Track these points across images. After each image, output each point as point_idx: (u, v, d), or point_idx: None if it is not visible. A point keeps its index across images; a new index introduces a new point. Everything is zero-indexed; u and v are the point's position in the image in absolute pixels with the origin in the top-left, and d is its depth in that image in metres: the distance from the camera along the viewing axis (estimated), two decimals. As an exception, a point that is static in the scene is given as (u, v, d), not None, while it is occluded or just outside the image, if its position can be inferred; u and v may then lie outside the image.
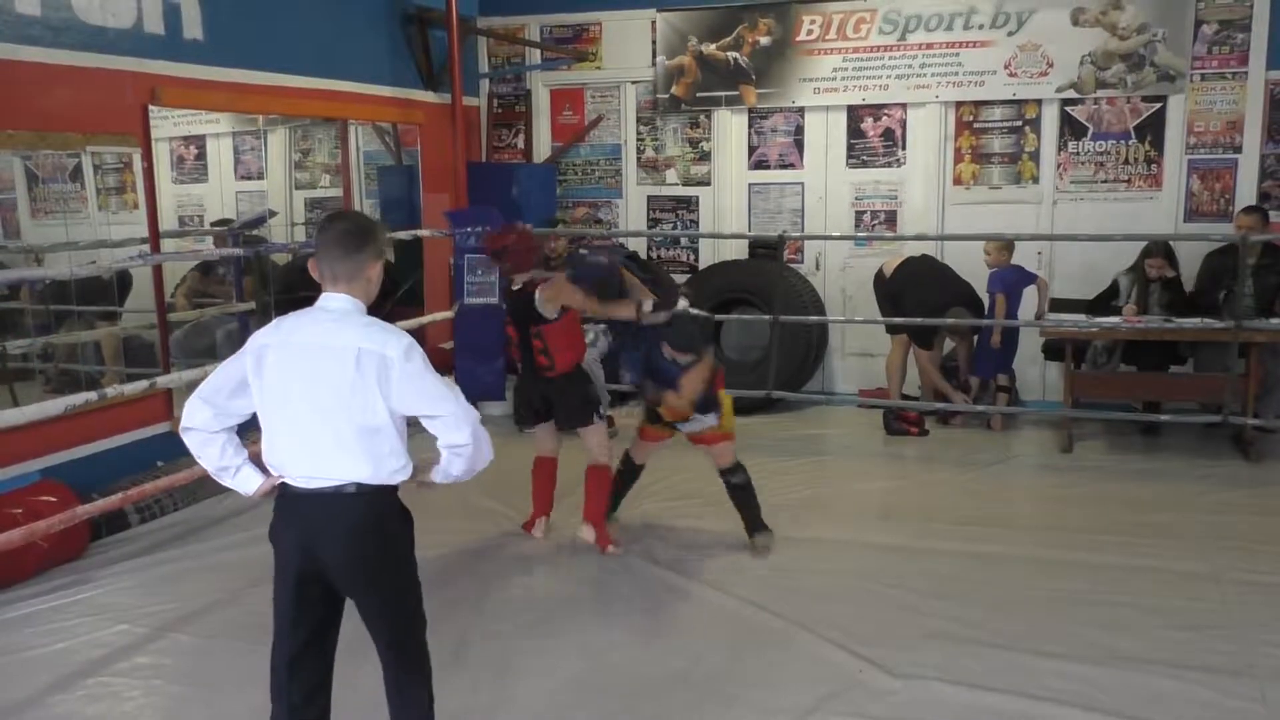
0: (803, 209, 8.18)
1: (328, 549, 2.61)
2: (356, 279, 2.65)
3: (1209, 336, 6.41)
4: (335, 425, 2.56)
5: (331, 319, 2.62)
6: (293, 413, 2.60)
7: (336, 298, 2.65)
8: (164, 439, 5.78)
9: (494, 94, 8.88)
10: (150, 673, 3.81)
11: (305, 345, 2.60)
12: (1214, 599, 4.30)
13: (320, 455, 2.58)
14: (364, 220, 2.80)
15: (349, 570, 2.63)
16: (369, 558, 2.62)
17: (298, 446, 2.61)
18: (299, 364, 2.59)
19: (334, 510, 2.59)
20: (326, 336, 2.58)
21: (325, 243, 2.66)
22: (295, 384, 2.59)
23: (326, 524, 2.60)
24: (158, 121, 5.98)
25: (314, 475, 2.60)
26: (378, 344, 2.56)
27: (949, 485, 5.99)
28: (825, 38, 7.84)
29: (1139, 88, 7.30)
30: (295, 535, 2.65)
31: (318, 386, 2.56)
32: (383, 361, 2.54)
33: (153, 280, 5.86)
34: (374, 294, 2.72)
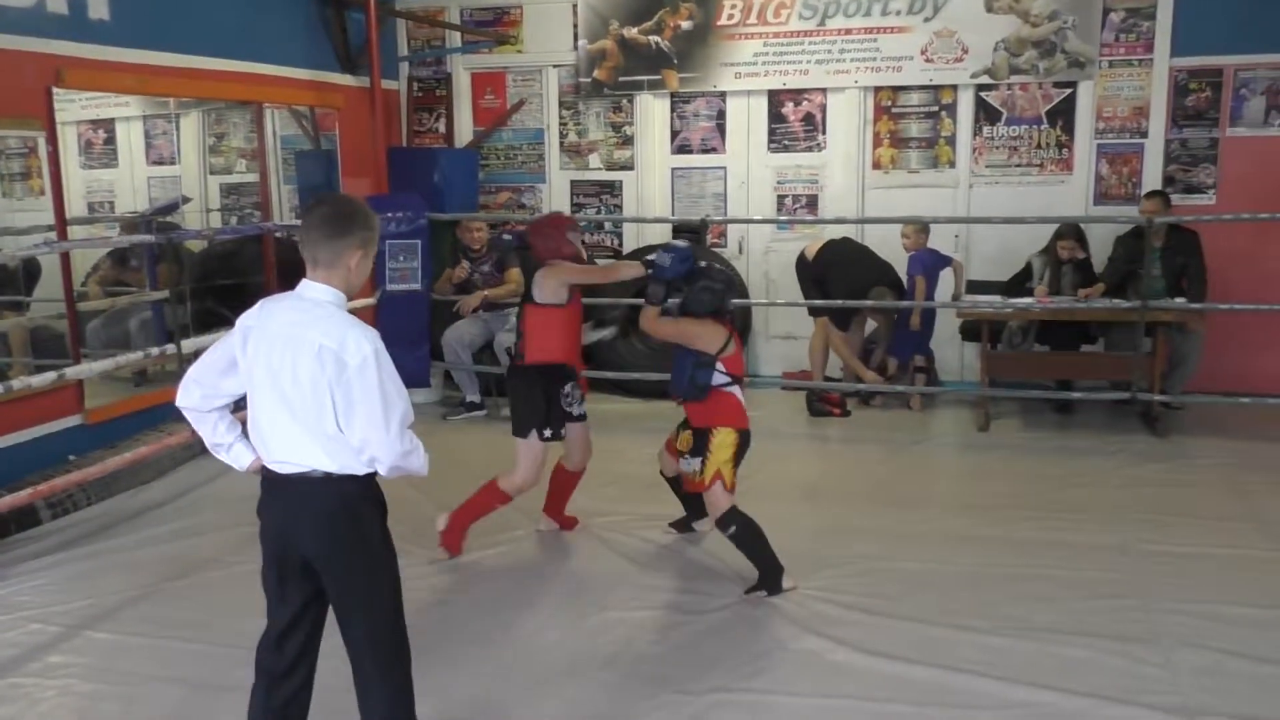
0: (725, 193, 8.23)
1: (300, 533, 2.62)
2: (336, 266, 2.58)
3: (1118, 316, 6.61)
4: (300, 416, 2.54)
5: (305, 309, 2.58)
6: (264, 398, 2.59)
7: (314, 286, 2.59)
8: (76, 431, 5.63)
9: (414, 77, 8.77)
10: (65, 672, 3.71)
11: (276, 334, 2.56)
12: (1124, 570, 4.45)
13: (289, 441, 2.57)
14: (351, 205, 2.68)
15: (320, 555, 2.62)
16: (339, 544, 2.61)
17: (269, 431, 2.60)
18: (269, 351, 2.56)
19: (305, 495, 2.59)
20: (296, 327, 2.54)
21: (307, 226, 2.61)
22: (264, 371, 2.57)
23: (298, 508, 2.61)
24: (63, 104, 5.80)
25: (285, 460, 2.59)
26: (338, 344, 2.49)
27: (870, 465, 6.10)
28: (746, 22, 7.88)
29: (1050, 74, 7.48)
30: (272, 517, 2.67)
31: (283, 377, 2.54)
32: (339, 363, 2.49)
33: (61, 269, 5.68)
34: (357, 285, 2.66)
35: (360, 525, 2.63)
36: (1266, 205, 6.96)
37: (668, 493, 4.87)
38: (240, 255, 7.51)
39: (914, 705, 3.38)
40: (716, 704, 3.41)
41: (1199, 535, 4.80)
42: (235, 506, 5.39)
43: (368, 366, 2.50)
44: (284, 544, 2.65)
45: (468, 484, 5.34)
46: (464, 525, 4.67)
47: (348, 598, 2.66)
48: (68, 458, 5.43)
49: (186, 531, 5.06)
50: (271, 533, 2.67)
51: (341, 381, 2.49)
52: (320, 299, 2.58)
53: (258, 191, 7.40)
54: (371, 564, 2.66)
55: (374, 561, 2.66)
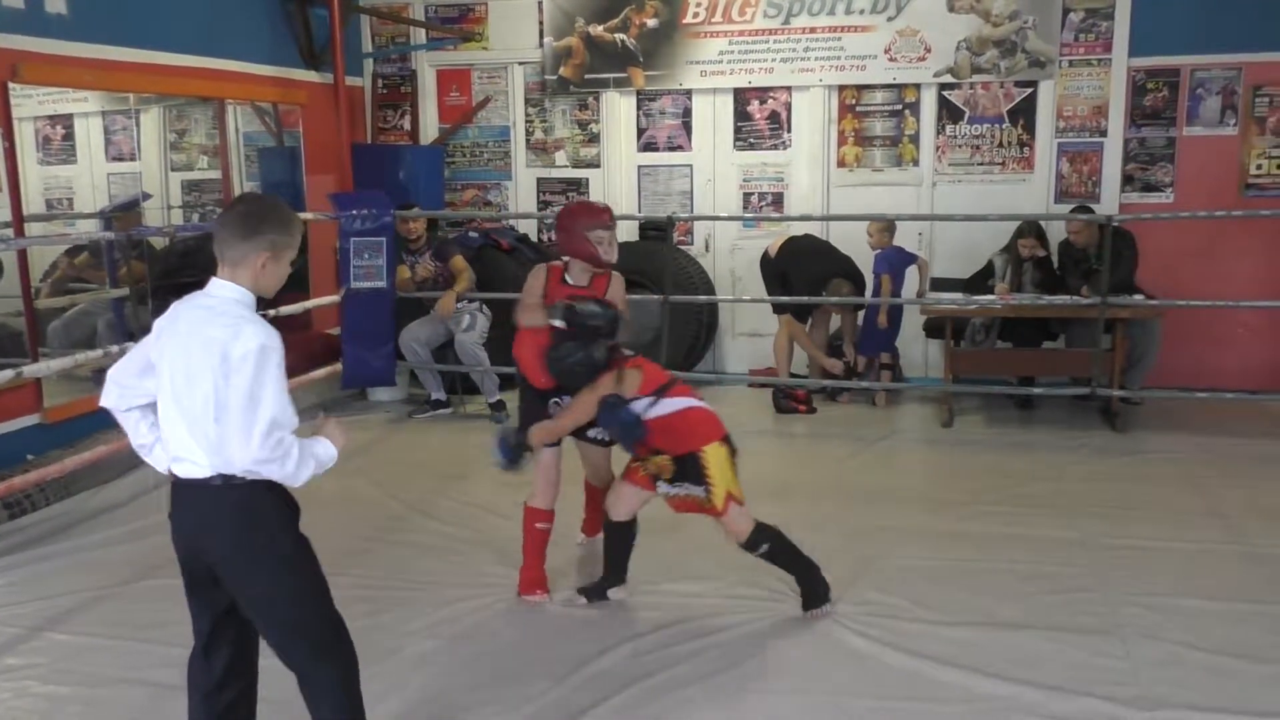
0: (692, 191, 8.25)
1: (199, 540, 2.56)
2: (242, 266, 2.51)
3: (1078, 313, 6.69)
4: (196, 416, 2.46)
5: (210, 305, 2.52)
6: (165, 400, 2.53)
7: (222, 284, 2.53)
8: (34, 431, 5.56)
9: (378, 74, 8.72)
10: (23, 673, 3.66)
11: (181, 330, 2.51)
12: (1084, 563, 4.50)
13: (186, 444, 2.50)
14: (266, 206, 2.61)
15: (221, 561, 2.55)
16: (239, 550, 2.53)
17: (169, 434, 2.54)
18: (173, 350, 2.51)
19: (203, 500, 2.51)
20: (199, 325, 2.48)
21: (220, 223, 2.57)
22: (167, 371, 2.52)
23: (194, 514, 2.54)
24: (20, 100, 5.71)
25: (183, 461, 2.52)
26: (228, 336, 2.41)
27: (836, 461, 6.14)
28: (711, 20, 7.90)
29: (1011, 73, 7.55)
30: (175, 523, 2.61)
31: (179, 377, 2.48)
32: (224, 356, 2.41)
33: (18, 266, 5.60)
34: (268, 287, 2.57)
35: (261, 531, 2.52)
36: (1222, 203, 7.09)
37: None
38: (202, 253, 7.41)
39: (879, 699, 3.41)
40: (687, 700, 3.42)
41: (1158, 529, 4.87)
42: (197, 506, 5.35)
43: (247, 361, 2.40)
44: (188, 551, 2.59)
45: (432, 480, 5.34)
46: (531, 566, 4.21)
47: (252, 606, 2.58)
48: (25, 457, 5.36)
49: (146, 531, 4.99)
50: (176, 540, 2.61)
51: (222, 373, 2.41)
52: (226, 296, 2.52)
53: (220, 188, 7.32)
54: (276, 569, 2.54)
55: (279, 566, 2.55)
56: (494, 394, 7.07)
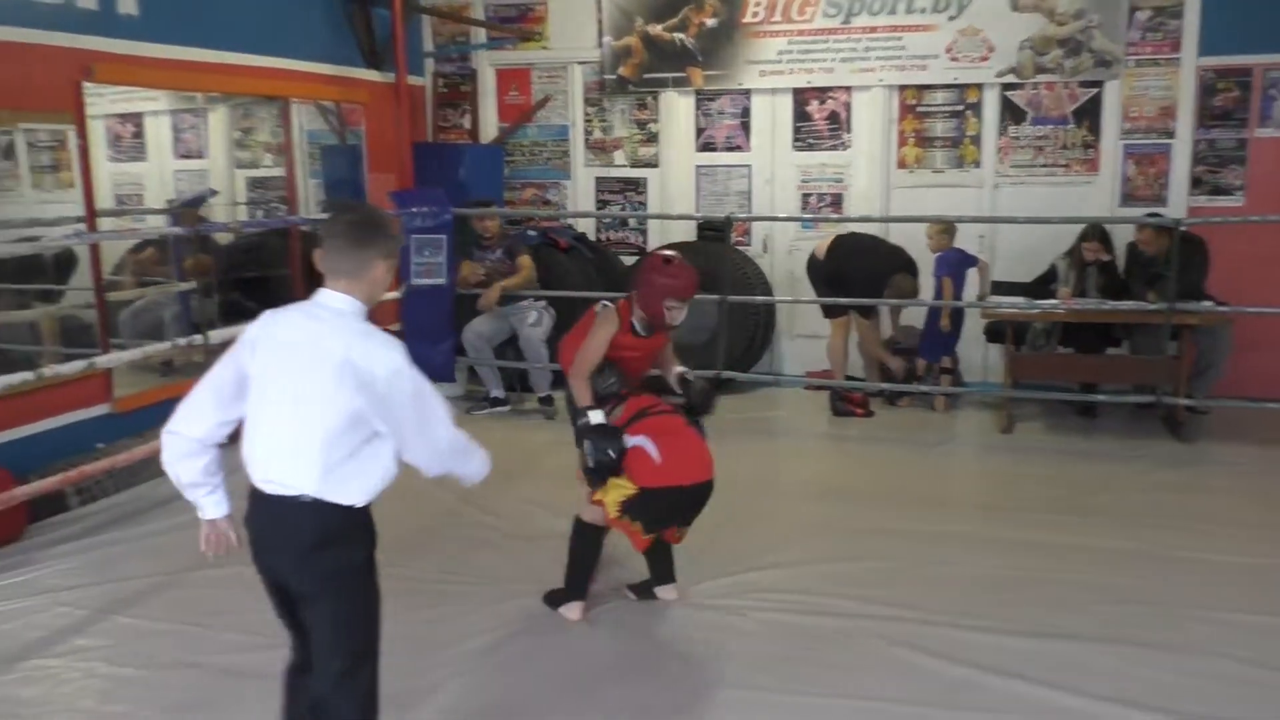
0: (750, 191, 8.22)
1: (275, 556, 2.51)
2: (359, 277, 2.46)
3: (1143, 319, 6.55)
4: (301, 432, 2.39)
5: (323, 318, 2.45)
6: (268, 412, 2.45)
7: (335, 296, 2.47)
8: (104, 420, 5.70)
9: (439, 73, 8.80)
10: (89, 655, 3.77)
11: (291, 342, 2.44)
12: (1146, 576, 4.41)
13: (280, 460, 2.42)
14: (376, 214, 2.61)
15: (293, 581, 2.50)
16: (314, 575, 2.46)
17: (266, 448, 2.45)
18: (282, 362, 2.43)
19: (284, 518, 2.44)
20: (315, 337, 2.41)
21: (330, 234, 2.50)
22: (272, 383, 2.43)
23: (276, 531, 2.47)
24: (93, 99, 5.85)
25: (274, 480, 2.44)
26: (363, 356, 2.37)
27: (893, 465, 6.08)
28: (771, 20, 7.87)
29: (1076, 73, 7.42)
30: (252, 535, 2.54)
31: (293, 388, 2.40)
32: (369, 378, 2.37)
33: (90, 259, 5.75)
34: (378, 296, 2.55)
35: (339, 558, 2.46)
36: (1297, 208, 6.90)
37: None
38: (265, 248, 7.57)
39: (938, 707, 3.38)
40: (740, 701, 3.42)
41: (1222, 542, 4.76)
42: (258, 497, 5.46)
43: (400, 375, 2.40)
44: (261, 563, 2.54)
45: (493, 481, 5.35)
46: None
47: (320, 628, 2.50)
48: (95, 445, 5.49)
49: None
50: (252, 551, 2.55)
51: (371, 395, 2.36)
52: (341, 309, 2.46)
53: (284, 185, 7.45)
54: (347, 597, 2.49)
55: (350, 594, 2.50)
56: (545, 389, 7.14)
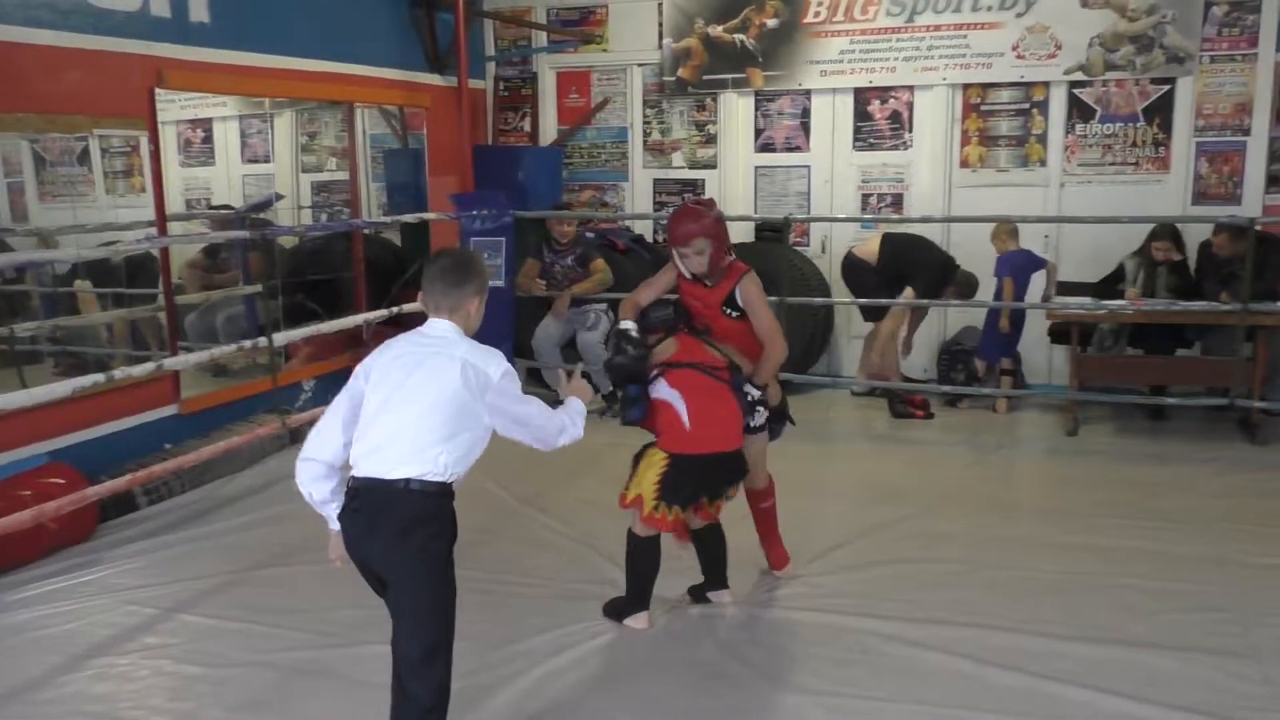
0: (809, 192, 8.16)
1: (371, 542, 2.77)
2: (458, 311, 2.88)
3: (1216, 320, 6.39)
4: (418, 425, 2.72)
5: (435, 338, 2.85)
6: (383, 411, 2.76)
7: (440, 324, 2.87)
8: (171, 421, 5.82)
9: (500, 77, 8.87)
10: (158, 652, 3.84)
11: (408, 354, 2.81)
12: (1218, 582, 4.30)
13: (392, 449, 2.72)
14: (466, 257, 3.05)
15: (385, 566, 2.77)
16: (402, 557, 2.74)
17: (376, 442, 2.74)
18: (402, 369, 2.78)
19: (387, 503, 2.72)
20: (435, 347, 2.81)
21: (430, 278, 2.89)
22: (390, 387, 2.77)
23: (376, 517, 2.74)
24: (164, 105, 5.98)
25: (380, 469, 2.72)
26: (481, 363, 2.78)
27: (954, 468, 5.99)
28: (833, 19, 7.81)
29: (1148, 70, 7.26)
30: (352, 528, 2.80)
31: (413, 388, 2.74)
32: (485, 380, 2.77)
33: (160, 263, 5.87)
34: (474, 327, 2.92)
35: (426, 543, 2.75)
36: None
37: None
38: (330, 251, 7.67)
39: (1003, 714, 3.32)
40: (798, 706, 3.39)
41: (1300, 548, 4.62)
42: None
43: (509, 378, 2.83)
44: (362, 555, 2.80)
45: (548, 477, 5.41)
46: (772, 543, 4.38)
47: (403, 605, 2.77)
48: (164, 446, 5.61)
49: (276, 519, 5.19)
50: (354, 544, 2.81)
51: (486, 394, 2.76)
52: (448, 335, 2.85)
53: (347, 189, 7.55)
54: (429, 584, 2.77)
55: (431, 583, 2.77)
56: (606, 386, 7.15)
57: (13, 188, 5.96)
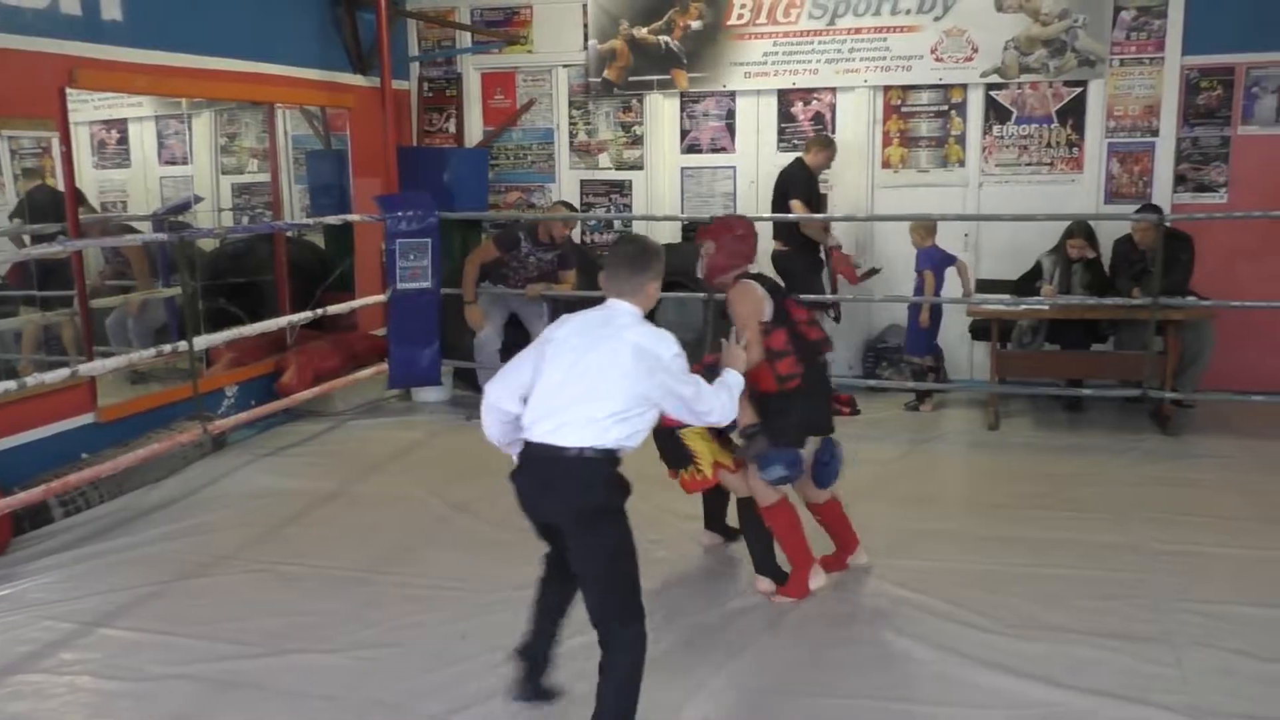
0: (735, 193, 8.23)
1: (553, 503, 3.01)
2: (639, 294, 3.15)
3: (1129, 315, 6.58)
4: (596, 398, 2.94)
5: (616, 318, 3.09)
6: (565, 381, 2.99)
7: (621, 304, 3.12)
8: (89, 430, 5.66)
9: (424, 77, 8.79)
10: (77, 669, 3.74)
11: (590, 329, 3.07)
12: (1133, 569, 4.43)
13: (569, 419, 2.94)
14: (647, 245, 3.26)
15: (564, 517, 3.00)
16: (587, 524, 2.97)
17: (555, 407, 2.97)
18: (583, 345, 3.03)
19: (569, 472, 2.96)
20: (618, 331, 3.04)
21: (614, 263, 3.17)
22: (572, 358, 3.01)
23: (556, 481, 2.98)
24: (76, 105, 5.83)
25: (559, 436, 2.95)
26: (654, 345, 3.02)
27: (880, 464, 6.08)
28: (755, 22, 7.88)
29: (1061, 73, 7.46)
30: (528, 485, 3.05)
31: (593, 363, 2.98)
32: (656, 360, 3.00)
33: (74, 267, 5.71)
34: (650, 306, 3.17)
35: (609, 509, 2.99)
36: (1278, 204, 6.93)
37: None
38: (251, 255, 7.54)
39: (921, 703, 3.39)
40: (710, 694, 3.42)
41: (1210, 534, 4.78)
42: (244, 505, 5.44)
43: (679, 358, 3.06)
44: (541, 512, 3.08)
45: (480, 481, 5.36)
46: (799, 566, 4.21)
47: (585, 567, 3.01)
48: (80, 456, 5.46)
49: (197, 529, 5.09)
50: (527, 499, 3.08)
51: (657, 373, 2.99)
52: (630, 312, 3.12)
53: (269, 191, 7.43)
54: (605, 537, 2.98)
55: (608, 534, 2.98)
56: None
57: (-84, 189, 5.77)
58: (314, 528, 5.12)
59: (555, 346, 3.06)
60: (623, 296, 3.13)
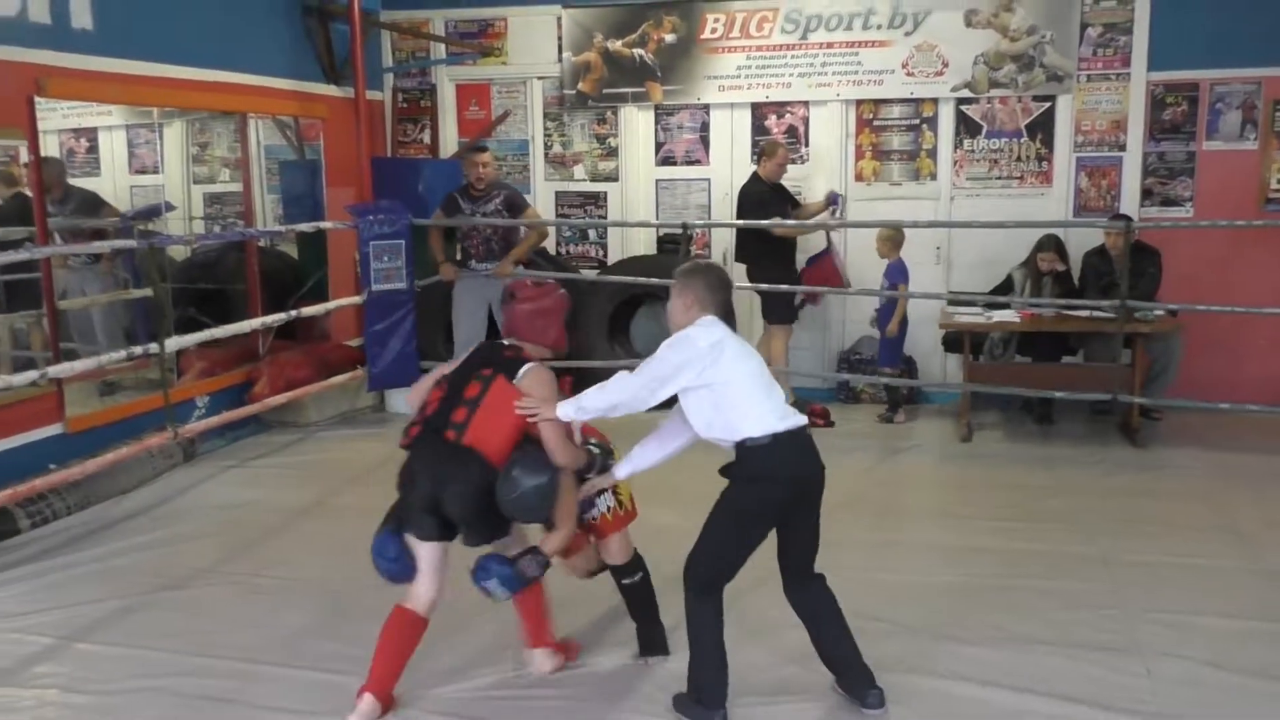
0: (709, 204, 8.27)
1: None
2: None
3: (1097, 328, 6.66)
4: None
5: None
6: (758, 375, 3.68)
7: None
8: (56, 441, 5.59)
9: (399, 88, 8.77)
10: (46, 682, 3.69)
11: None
12: (1103, 580, 4.48)
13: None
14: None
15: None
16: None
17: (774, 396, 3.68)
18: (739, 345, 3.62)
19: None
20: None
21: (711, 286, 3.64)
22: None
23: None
24: (45, 113, 5.78)
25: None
26: None
27: (852, 475, 6.09)
28: (729, 36, 7.93)
29: (1029, 88, 7.55)
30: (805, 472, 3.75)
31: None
32: None
33: (43, 274, 5.65)
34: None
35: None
36: (1242, 218, 7.05)
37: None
38: (222, 264, 7.50)
39: (899, 714, 3.40)
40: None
41: (1177, 545, 4.84)
42: (214, 516, 5.40)
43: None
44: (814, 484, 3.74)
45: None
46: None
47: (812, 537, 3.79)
48: (48, 466, 5.40)
49: (168, 540, 5.04)
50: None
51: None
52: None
53: (241, 200, 7.39)
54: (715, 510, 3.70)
55: (716, 509, 3.69)
56: None
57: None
58: (287, 540, 5.09)
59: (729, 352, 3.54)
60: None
